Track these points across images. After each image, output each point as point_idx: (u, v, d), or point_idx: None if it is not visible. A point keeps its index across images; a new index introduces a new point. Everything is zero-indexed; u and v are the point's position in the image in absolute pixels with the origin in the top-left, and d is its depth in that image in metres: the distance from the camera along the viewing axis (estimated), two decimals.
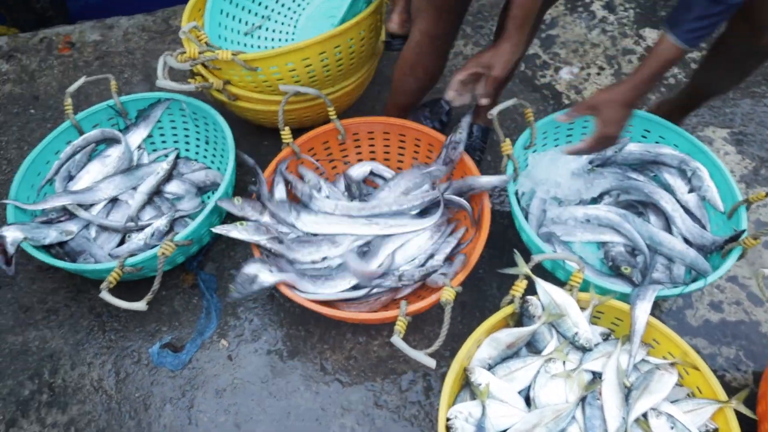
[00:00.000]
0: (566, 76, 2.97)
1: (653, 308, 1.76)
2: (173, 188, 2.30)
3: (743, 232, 1.90)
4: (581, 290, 1.80)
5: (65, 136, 2.25)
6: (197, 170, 2.38)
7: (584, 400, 1.67)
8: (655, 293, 1.78)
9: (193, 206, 2.28)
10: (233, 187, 2.21)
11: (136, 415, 1.94)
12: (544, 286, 1.77)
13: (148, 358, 2.05)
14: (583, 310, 1.76)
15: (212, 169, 2.40)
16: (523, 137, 2.16)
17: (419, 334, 2.11)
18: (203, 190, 2.36)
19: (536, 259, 1.78)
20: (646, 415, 1.65)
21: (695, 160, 2.17)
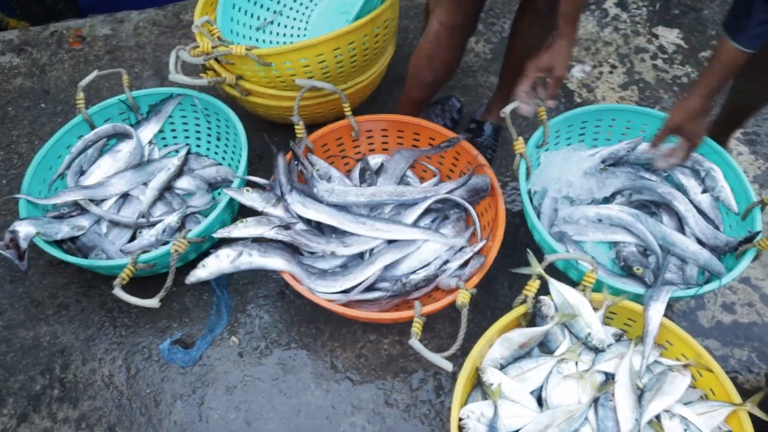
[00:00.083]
0: (578, 74, 2.95)
1: (665, 309, 1.75)
2: (184, 184, 2.29)
3: (758, 233, 1.89)
4: (593, 290, 1.79)
5: (77, 130, 2.25)
6: (208, 166, 2.36)
7: (597, 401, 1.66)
8: (668, 294, 1.77)
9: (204, 203, 2.27)
10: (245, 183, 2.20)
11: (146, 411, 1.94)
12: (557, 286, 1.76)
13: (158, 354, 2.05)
14: (595, 310, 1.75)
15: (223, 165, 2.39)
16: (535, 136, 2.14)
17: (430, 332, 2.10)
18: (214, 186, 2.35)
19: (549, 259, 1.77)
20: (659, 416, 1.64)
21: (709, 160, 2.16)
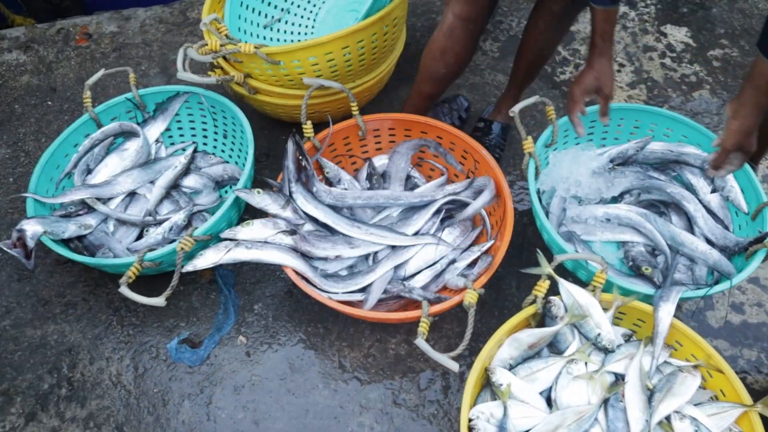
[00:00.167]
0: None
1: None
2: (191, 182, 2.28)
3: None
4: (602, 290, 1.78)
5: (84, 128, 2.24)
6: (215, 164, 2.36)
7: (607, 402, 1.65)
8: (679, 295, 1.76)
9: (211, 201, 2.27)
10: (252, 181, 2.20)
11: (154, 410, 1.94)
12: (567, 286, 1.75)
13: (166, 353, 2.04)
14: (604, 310, 1.75)
15: (230, 163, 2.39)
16: (544, 135, 2.13)
17: (438, 332, 2.09)
18: (221, 184, 2.35)
19: (559, 259, 1.76)
20: (669, 418, 1.63)
21: None
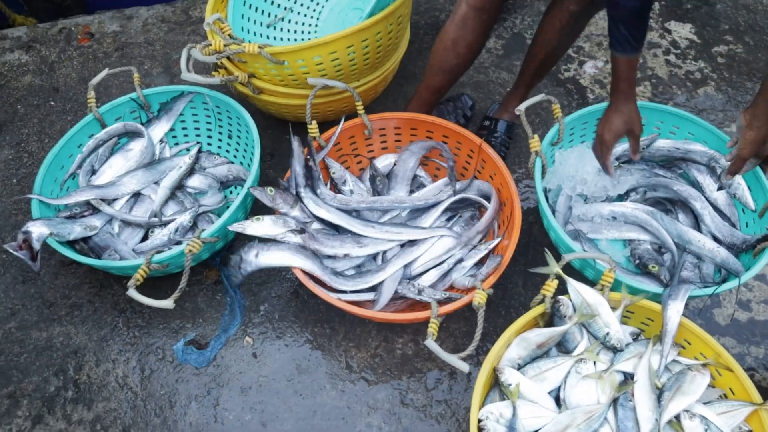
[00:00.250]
0: (590, 70, 2.93)
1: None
2: (196, 183, 2.27)
3: None
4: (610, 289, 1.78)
5: (88, 129, 2.23)
6: (220, 165, 2.35)
7: (616, 401, 1.65)
8: (687, 293, 1.75)
9: (216, 201, 2.26)
10: (258, 181, 2.19)
11: (161, 412, 1.93)
12: (575, 286, 1.75)
13: (172, 355, 2.03)
14: (613, 309, 1.74)
15: (235, 163, 2.38)
16: (550, 134, 2.12)
17: (445, 332, 2.09)
18: (226, 185, 2.34)
19: (568, 258, 1.75)
20: (678, 416, 1.63)
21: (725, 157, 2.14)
